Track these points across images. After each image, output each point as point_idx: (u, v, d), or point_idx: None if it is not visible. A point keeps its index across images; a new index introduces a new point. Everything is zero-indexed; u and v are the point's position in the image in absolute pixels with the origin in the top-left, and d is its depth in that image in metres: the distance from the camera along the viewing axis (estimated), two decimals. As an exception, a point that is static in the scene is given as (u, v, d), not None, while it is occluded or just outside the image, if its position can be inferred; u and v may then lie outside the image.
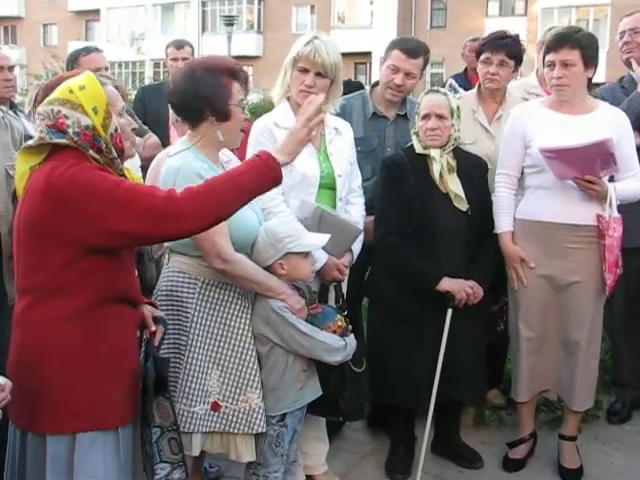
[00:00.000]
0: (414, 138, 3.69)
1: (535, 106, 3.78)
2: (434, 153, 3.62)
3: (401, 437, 3.98)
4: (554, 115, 3.66)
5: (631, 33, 4.28)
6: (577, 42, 3.55)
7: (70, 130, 2.31)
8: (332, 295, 3.47)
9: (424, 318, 3.64)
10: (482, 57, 4.13)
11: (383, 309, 3.75)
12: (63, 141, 2.32)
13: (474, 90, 4.33)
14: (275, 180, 2.45)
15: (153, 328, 2.63)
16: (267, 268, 3.01)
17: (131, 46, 34.12)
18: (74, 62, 4.59)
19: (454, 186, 3.62)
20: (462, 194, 3.61)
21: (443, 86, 4.96)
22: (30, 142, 2.38)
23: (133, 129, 2.51)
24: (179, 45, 5.71)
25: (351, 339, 3.09)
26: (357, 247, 3.55)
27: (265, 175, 2.42)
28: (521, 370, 3.82)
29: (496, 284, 3.83)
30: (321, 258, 3.37)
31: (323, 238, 3.06)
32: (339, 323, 3.08)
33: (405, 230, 3.60)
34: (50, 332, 2.31)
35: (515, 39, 4.14)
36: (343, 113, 3.85)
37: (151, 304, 2.76)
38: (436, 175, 3.62)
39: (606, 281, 3.59)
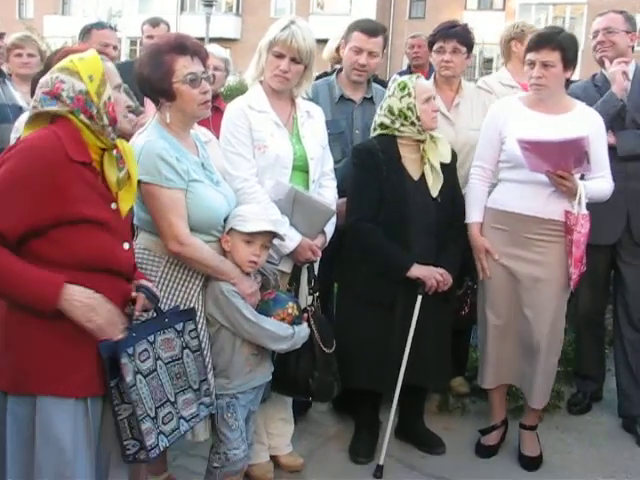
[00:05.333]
0: (408, 128, 3.66)
1: (514, 103, 3.84)
2: (437, 134, 3.73)
3: (365, 421, 4.02)
4: (532, 113, 3.74)
5: (605, 32, 4.32)
6: (558, 44, 3.62)
7: (64, 94, 2.38)
8: (305, 276, 3.49)
9: (394, 304, 3.68)
10: (435, 47, 4.27)
11: (353, 294, 3.78)
12: (54, 108, 2.37)
13: (431, 80, 4.38)
14: (43, 308, 2.30)
15: (133, 294, 2.60)
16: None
17: (108, 22, 33.71)
18: (86, 34, 4.65)
19: (435, 161, 3.69)
20: (438, 168, 3.68)
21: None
22: (27, 114, 2.46)
23: (128, 106, 2.54)
24: (155, 23, 5.71)
25: (301, 328, 3.13)
26: (330, 229, 3.59)
27: (40, 298, 2.30)
28: (488, 356, 3.89)
29: (459, 268, 3.89)
30: (294, 238, 3.40)
31: (265, 225, 3.05)
32: (289, 311, 3.11)
33: (377, 216, 3.64)
34: None
35: (464, 27, 4.30)
36: (310, 98, 3.89)
37: (146, 280, 2.73)
38: (447, 154, 3.72)
39: (571, 276, 3.66)
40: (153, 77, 2.89)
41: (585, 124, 3.66)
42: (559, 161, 3.51)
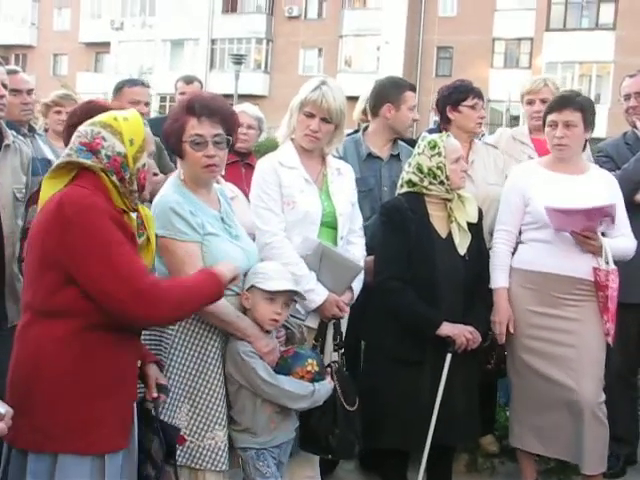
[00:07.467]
0: (436, 186, 3.67)
1: (533, 166, 3.92)
2: (465, 193, 3.74)
3: (393, 480, 3.95)
4: (551, 175, 3.80)
5: (637, 97, 4.37)
6: (580, 105, 3.74)
7: (103, 152, 2.39)
8: (330, 332, 3.48)
9: (423, 362, 3.64)
10: (469, 102, 4.20)
11: (381, 352, 3.75)
12: (88, 162, 2.38)
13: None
14: (220, 295, 2.63)
15: (154, 395, 2.64)
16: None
17: (140, 79, 34.45)
18: (118, 91, 4.73)
19: (462, 220, 3.68)
20: (465, 227, 3.68)
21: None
22: (57, 161, 2.44)
23: (154, 174, 2.60)
24: (189, 80, 5.84)
25: (322, 385, 3.08)
26: (357, 286, 3.58)
27: (216, 290, 2.59)
28: (528, 420, 3.84)
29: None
30: (321, 294, 3.40)
31: (288, 284, 3.04)
32: (308, 368, 3.05)
33: (405, 275, 3.62)
34: (42, 353, 2.33)
35: None
36: (340, 156, 3.93)
37: (158, 363, 2.76)
38: (474, 214, 3.70)
39: (609, 331, 3.64)
40: (168, 134, 2.97)
41: (603, 184, 3.76)
42: (585, 223, 3.57)
